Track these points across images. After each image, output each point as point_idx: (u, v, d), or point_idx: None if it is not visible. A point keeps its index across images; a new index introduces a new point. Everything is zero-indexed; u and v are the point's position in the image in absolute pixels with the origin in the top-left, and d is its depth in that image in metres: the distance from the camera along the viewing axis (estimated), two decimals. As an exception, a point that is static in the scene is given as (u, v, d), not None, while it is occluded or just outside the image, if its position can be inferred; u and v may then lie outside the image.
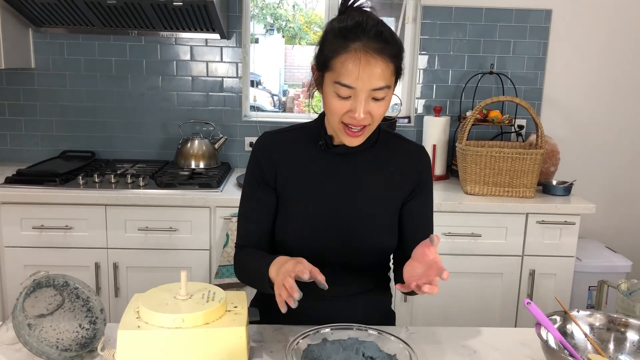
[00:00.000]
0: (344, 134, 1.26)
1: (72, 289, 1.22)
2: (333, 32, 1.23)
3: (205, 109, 2.95)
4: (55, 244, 2.37)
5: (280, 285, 1.10)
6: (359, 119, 1.21)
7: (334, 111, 1.23)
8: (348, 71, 1.18)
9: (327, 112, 1.27)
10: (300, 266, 1.11)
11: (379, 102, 1.22)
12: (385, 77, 1.20)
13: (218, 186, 2.48)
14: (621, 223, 3.13)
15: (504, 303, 2.53)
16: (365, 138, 1.30)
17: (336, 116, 1.24)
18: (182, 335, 1.07)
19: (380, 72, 1.18)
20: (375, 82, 1.19)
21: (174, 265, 2.39)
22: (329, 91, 1.23)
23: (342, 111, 1.22)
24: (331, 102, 1.23)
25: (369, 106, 1.21)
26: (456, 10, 2.90)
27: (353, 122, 1.23)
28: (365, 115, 1.21)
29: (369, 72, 1.18)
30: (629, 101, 3.04)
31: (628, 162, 3.09)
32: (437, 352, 1.25)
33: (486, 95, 2.91)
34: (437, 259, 1.11)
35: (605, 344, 1.21)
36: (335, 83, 1.20)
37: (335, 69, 1.20)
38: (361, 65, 1.17)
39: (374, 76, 1.18)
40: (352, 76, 1.18)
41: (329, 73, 1.23)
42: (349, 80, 1.18)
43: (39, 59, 2.85)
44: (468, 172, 2.52)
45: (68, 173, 2.52)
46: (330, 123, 1.29)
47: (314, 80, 1.32)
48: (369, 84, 1.19)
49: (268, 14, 7.25)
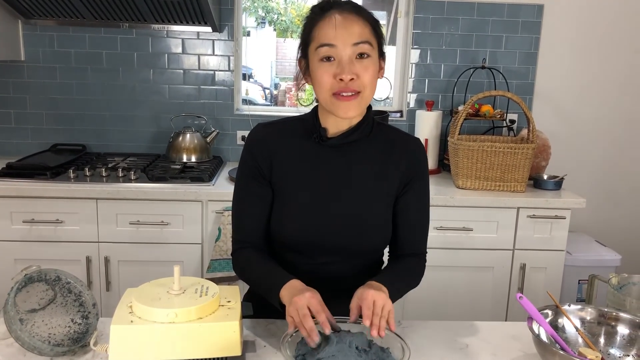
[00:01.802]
0: (337, 104, 1.26)
1: (64, 284, 1.21)
2: (309, 13, 1.30)
3: (197, 102, 2.94)
4: (46, 238, 2.36)
5: (299, 323, 1.10)
6: (347, 81, 1.23)
7: (323, 81, 1.25)
8: (326, 31, 1.24)
9: (318, 89, 1.28)
10: (314, 302, 1.12)
11: (364, 63, 1.24)
12: (365, 33, 1.25)
13: (210, 180, 2.47)
14: (611, 217, 3.15)
15: (495, 297, 2.55)
16: (361, 109, 1.29)
17: (325, 87, 1.25)
18: (175, 330, 1.07)
19: (358, 28, 1.24)
20: (354, 36, 1.23)
21: (165, 259, 2.39)
22: (315, 62, 1.26)
23: (329, 78, 1.24)
24: (318, 73, 1.25)
25: (354, 67, 1.23)
26: (448, 4, 2.90)
27: (342, 86, 1.23)
28: (353, 76, 1.22)
29: (345, 26, 1.23)
30: (620, 96, 3.06)
31: (618, 156, 3.11)
32: (429, 345, 1.25)
33: (478, 90, 2.91)
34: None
35: (596, 338, 1.22)
36: (318, 48, 1.24)
37: (315, 36, 1.26)
38: (337, 22, 1.23)
39: (352, 31, 1.23)
40: (331, 34, 1.23)
41: (311, 45, 1.27)
42: (328, 38, 1.23)
43: (29, 52, 2.83)
44: (460, 167, 2.53)
45: (59, 166, 2.50)
46: (322, 101, 1.28)
47: (301, 72, 1.34)
48: (349, 39, 1.22)
49: (260, 7, 7.21)
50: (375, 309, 1.12)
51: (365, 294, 1.14)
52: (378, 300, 1.13)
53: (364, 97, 1.27)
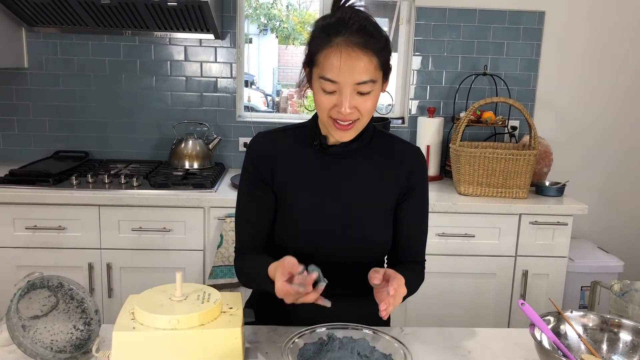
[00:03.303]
0: (334, 128, 1.27)
1: (67, 290, 1.21)
2: (318, 29, 1.25)
3: (199, 109, 2.95)
4: (48, 245, 2.36)
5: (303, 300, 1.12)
6: (345, 114, 1.22)
7: (321, 106, 1.25)
8: (331, 65, 1.20)
9: (317, 108, 1.28)
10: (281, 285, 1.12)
11: (364, 97, 1.23)
12: (369, 70, 1.21)
13: (212, 186, 2.48)
14: (613, 224, 3.15)
15: (497, 303, 2.54)
16: (357, 132, 1.30)
17: (324, 111, 1.25)
18: (177, 336, 1.07)
19: (364, 66, 1.19)
20: (358, 75, 1.20)
21: (167, 265, 2.39)
22: (316, 86, 1.25)
23: (328, 106, 1.24)
24: (318, 97, 1.25)
25: (354, 101, 1.22)
26: (450, 11, 2.91)
27: (340, 117, 1.24)
28: (352, 109, 1.22)
29: (350, 65, 1.19)
30: (621, 102, 3.06)
31: (620, 163, 3.11)
32: (431, 352, 1.25)
33: (480, 97, 2.92)
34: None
35: (599, 345, 1.22)
36: (320, 78, 1.22)
37: (320, 64, 1.22)
38: (342, 59, 1.19)
39: (356, 70, 1.19)
40: (335, 70, 1.19)
41: (315, 68, 1.25)
42: (332, 74, 1.20)
43: (32, 59, 2.84)
44: (461, 173, 2.53)
45: (61, 173, 2.51)
46: (320, 118, 1.30)
47: (305, 77, 1.33)
48: (352, 78, 1.20)
49: (262, 14, 7.24)
50: (398, 291, 1.13)
51: (398, 275, 1.16)
52: (401, 287, 1.15)
53: (362, 122, 1.28)
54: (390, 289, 1.13)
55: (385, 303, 1.12)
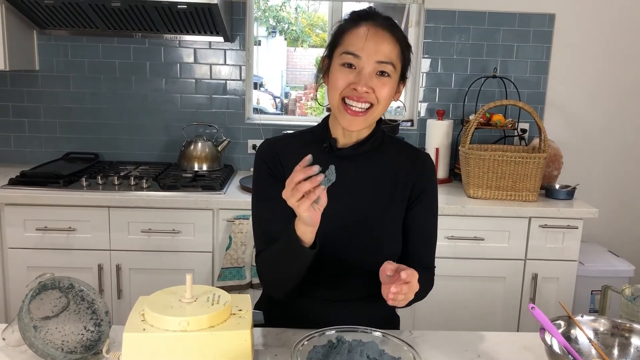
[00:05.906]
0: (344, 114, 1.26)
1: (77, 291, 1.22)
2: (345, 18, 1.30)
3: (208, 111, 2.96)
4: (59, 246, 2.37)
5: (304, 189, 1.07)
6: (361, 92, 1.23)
7: (337, 84, 1.25)
8: (356, 40, 1.24)
9: (330, 91, 1.29)
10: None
11: (382, 81, 1.24)
12: (392, 53, 1.24)
13: (221, 188, 2.48)
14: (624, 227, 3.13)
15: (506, 307, 2.53)
16: (367, 124, 1.29)
17: (338, 90, 1.25)
18: (187, 338, 1.07)
19: (388, 46, 1.24)
20: (381, 54, 1.23)
21: (176, 267, 2.40)
22: (336, 65, 1.27)
23: (345, 83, 1.24)
24: (336, 74, 1.26)
25: (372, 81, 1.23)
26: (459, 14, 2.90)
27: (354, 95, 1.24)
28: (368, 89, 1.23)
29: (375, 41, 1.23)
30: (631, 105, 3.04)
31: (631, 166, 3.09)
32: (440, 356, 1.25)
33: (489, 99, 2.91)
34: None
35: (610, 349, 1.21)
36: (343, 53, 1.25)
37: (344, 41, 1.26)
38: (369, 34, 1.23)
39: (380, 47, 1.23)
40: (359, 44, 1.23)
41: (338, 49, 1.27)
42: (356, 47, 1.23)
43: (43, 61, 2.86)
44: (471, 176, 2.52)
45: (71, 175, 2.53)
46: (332, 103, 1.29)
47: (322, 69, 1.34)
48: (375, 55, 1.23)
49: (270, 17, 7.26)
50: (412, 280, 1.12)
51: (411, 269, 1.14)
52: (414, 278, 1.13)
53: (373, 113, 1.27)
54: (402, 273, 1.09)
55: (396, 286, 1.09)
